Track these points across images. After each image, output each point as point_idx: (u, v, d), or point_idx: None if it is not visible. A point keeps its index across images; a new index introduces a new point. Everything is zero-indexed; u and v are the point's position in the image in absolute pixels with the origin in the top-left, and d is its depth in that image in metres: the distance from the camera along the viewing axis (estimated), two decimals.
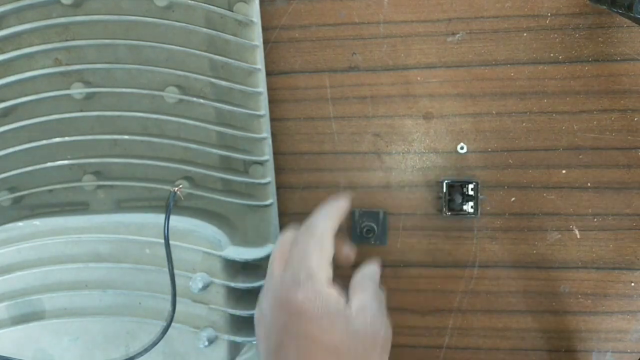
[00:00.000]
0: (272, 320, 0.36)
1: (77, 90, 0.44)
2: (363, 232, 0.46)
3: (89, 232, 0.45)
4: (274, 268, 0.38)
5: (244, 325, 0.46)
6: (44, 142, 0.44)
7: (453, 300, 0.46)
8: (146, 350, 0.45)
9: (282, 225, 0.46)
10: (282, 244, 0.39)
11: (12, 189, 0.46)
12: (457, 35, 0.43)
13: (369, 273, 0.39)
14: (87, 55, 0.44)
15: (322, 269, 0.36)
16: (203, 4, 0.42)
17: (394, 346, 0.37)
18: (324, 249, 0.37)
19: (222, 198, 0.45)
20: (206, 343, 0.44)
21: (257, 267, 0.46)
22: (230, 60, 0.42)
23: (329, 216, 0.39)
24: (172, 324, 0.44)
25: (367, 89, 0.44)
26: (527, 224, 0.44)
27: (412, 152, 0.45)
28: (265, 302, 0.38)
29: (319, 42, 0.44)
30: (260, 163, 0.44)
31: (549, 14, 0.42)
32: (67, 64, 0.44)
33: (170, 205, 0.43)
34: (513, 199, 0.44)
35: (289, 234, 0.39)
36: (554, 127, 0.43)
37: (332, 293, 0.36)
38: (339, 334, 0.35)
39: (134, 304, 0.46)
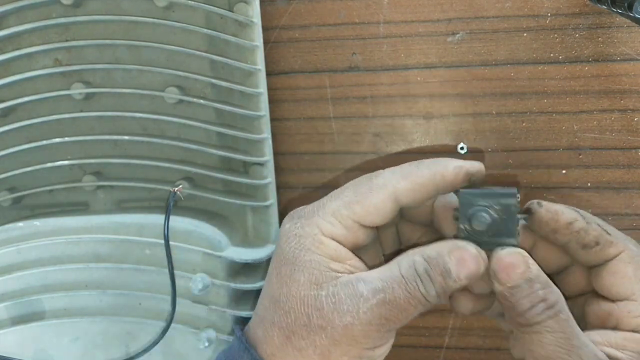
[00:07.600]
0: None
1: (77, 91, 0.44)
2: None
3: (89, 233, 0.45)
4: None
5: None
6: (44, 142, 0.44)
7: None
8: (146, 350, 0.45)
9: None
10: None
11: (12, 189, 0.46)
12: (457, 35, 0.43)
13: None
14: (87, 55, 0.44)
15: (331, 222, 0.29)
16: (203, 5, 0.42)
17: (394, 346, 0.37)
18: (366, 201, 0.29)
19: (222, 199, 0.45)
20: (206, 344, 0.44)
21: (257, 268, 0.46)
22: (230, 60, 0.42)
23: (410, 174, 0.30)
24: (172, 324, 0.44)
25: (367, 89, 0.44)
26: None
27: (412, 152, 0.45)
28: None
29: (319, 42, 0.44)
30: (261, 164, 0.44)
31: (549, 14, 0.42)
32: (67, 64, 0.44)
33: (170, 206, 0.43)
34: None
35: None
36: (554, 127, 0.43)
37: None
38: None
39: (134, 305, 0.46)
